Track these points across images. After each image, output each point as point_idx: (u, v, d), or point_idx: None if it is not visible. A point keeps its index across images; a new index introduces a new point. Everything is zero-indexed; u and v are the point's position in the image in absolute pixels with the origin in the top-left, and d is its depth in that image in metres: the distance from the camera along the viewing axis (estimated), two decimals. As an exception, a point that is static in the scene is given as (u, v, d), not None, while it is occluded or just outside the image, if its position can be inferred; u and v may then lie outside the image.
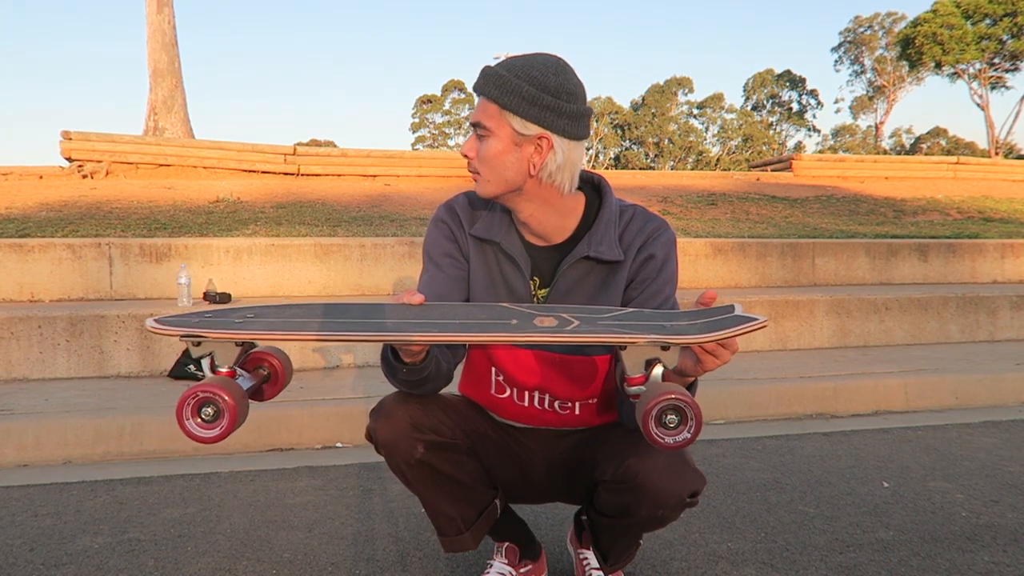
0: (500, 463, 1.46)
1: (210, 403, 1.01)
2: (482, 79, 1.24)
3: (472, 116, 1.27)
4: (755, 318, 1.03)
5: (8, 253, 3.95)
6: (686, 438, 0.98)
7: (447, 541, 1.42)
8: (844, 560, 1.75)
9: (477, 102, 1.26)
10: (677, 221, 6.30)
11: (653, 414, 0.97)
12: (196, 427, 1.01)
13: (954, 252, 5.46)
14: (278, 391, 1.19)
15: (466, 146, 1.28)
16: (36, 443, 2.58)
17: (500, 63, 1.24)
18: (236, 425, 1.02)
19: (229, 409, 1.01)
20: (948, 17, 23.78)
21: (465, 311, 1.14)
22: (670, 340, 1.02)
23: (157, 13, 10.47)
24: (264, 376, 1.17)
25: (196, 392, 1.01)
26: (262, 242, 4.31)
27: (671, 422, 0.97)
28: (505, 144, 1.23)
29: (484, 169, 1.26)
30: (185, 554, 1.80)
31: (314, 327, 1.05)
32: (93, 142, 7.35)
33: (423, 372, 1.25)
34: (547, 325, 1.06)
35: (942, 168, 10.11)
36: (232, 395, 1.01)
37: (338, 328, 1.04)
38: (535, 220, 1.32)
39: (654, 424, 0.98)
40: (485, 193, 1.28)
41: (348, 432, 2.80)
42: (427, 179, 8.01)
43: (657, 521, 1.29)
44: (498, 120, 1.22)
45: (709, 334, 1.01)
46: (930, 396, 3.40)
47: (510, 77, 1.21)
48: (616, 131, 45.06)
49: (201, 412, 1.01)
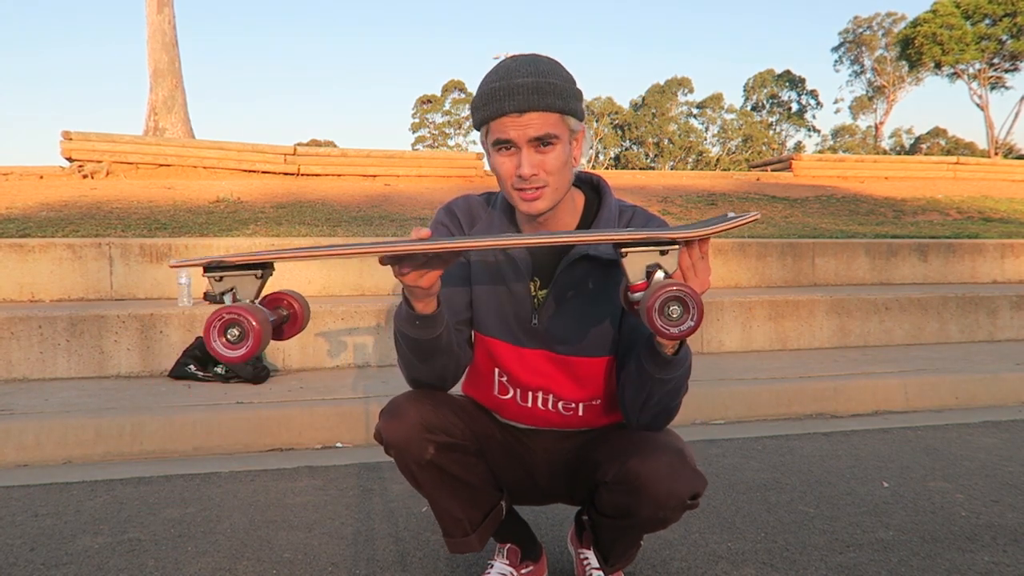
0: (505, 465, 1.46)
1: (235, 324, 1.04)
2: (534, 93, 1.18)
3: (527, 132, 1.20)
4: (746, 213, 1.07)
5: (8, 253, 3.96)
6: (690, 327, 1.01)
7: (452, 542, 1.42)
8: (844, 560, 1.75)
9: (524, 117, 1.19)
10: (677, 221, 6.30)
11: (656, 306, 1.00)
12: (223, 347, 1.05)
13: (954, 252, 5.46)
14: (297, 330, 1.23)
15: (526, 165, 1.20)
16: (36, 443, 2.58)
17: (524, 71, 1.20)
18: (261, 347, 1.05)
19: (254, 331, 1.04)
20: (948, 17, 23.77)
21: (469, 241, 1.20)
22: (667, 236, 1.07)
23: (157, 13, 10.47)
24: (284, 316, 1.21)
25: (222, 314, 1.04)
26: (262, 242, 4.31)
27: (674, 311, 1.01)
28: (567, 148, 1.24)
29: (554, 180, 1.23)
30: (185, 554, 1.80)
31: (324, 249, 1.12)
32: (93, 142, 7.35)
33: (436, 330, 1.24)
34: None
35: (942, 168, 10.12)
36: (256, 318, 1.04)
37: (348, 247, 1.09)
38: (553, 219, 1.32)
39: (658, 315, 1.01)
40: (550, 206, 1.25)
41: (348, 432, 2.80)
42: (427, 179, 8.01)
43: (658, 522, 1.29)
44: (561, 126, 1.22)
45: (705, 228, 1.06)
46: (930, 396, 3.40)
47: (560, 82, 1.21)
48: (616, 131, 45.05)
49: (227, 333, 1.04)
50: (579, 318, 1.34)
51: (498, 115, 1.20)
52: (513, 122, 1.19)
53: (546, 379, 1.38)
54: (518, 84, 1.18)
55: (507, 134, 1.20)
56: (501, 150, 1.23)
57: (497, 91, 1.20)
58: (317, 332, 3.55)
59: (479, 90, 1.24)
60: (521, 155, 1.21)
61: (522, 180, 1.22)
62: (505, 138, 1.21)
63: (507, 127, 1.20)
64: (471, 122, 1.31)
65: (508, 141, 1.21)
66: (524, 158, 1.21)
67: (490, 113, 1.21)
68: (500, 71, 1.22)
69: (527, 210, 1.25)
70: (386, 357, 3.62)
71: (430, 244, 1.07)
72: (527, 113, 1.19)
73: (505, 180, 1.25)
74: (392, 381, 3.23)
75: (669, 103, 44.75)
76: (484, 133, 1.26)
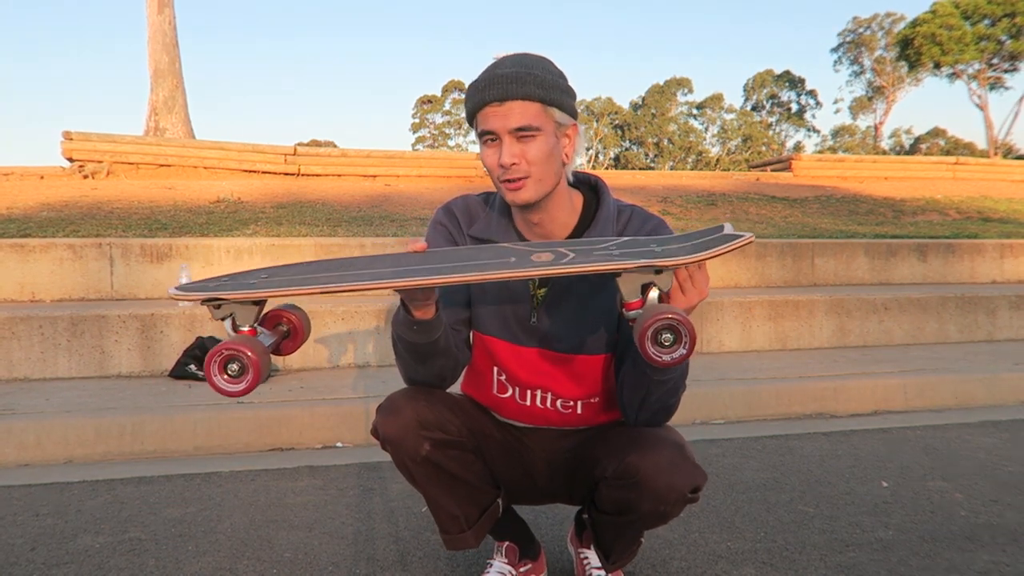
0: (504, 463, 1.46)
1: (235, 360, 1.06)
2: (513, 83, 1.20)
3: (508, 123, 1.21)
4: (741, 235, 1.07)
5: (9, 253, 3.96)
6: (682, 354, 1.02)
7: (449, 539, 1.43)
8: (844, 560, 1.75)
9: (504, 107, 1.20)
10: (677, 221, 6.30)
11: (649, 334, 1.02)
12: (226, 383, 1.07)
13: (953, 252, 5.46)
14: (298, 346, 1.24)
15: (506, 154, 1.21)
16: (37, 443, 2.58)
17: (508, 64, 1.23)
18: (262, 378, 1.07)
19: (253, 364, 1.06)
20: (947, 18, 23.80)
21: (467, 255, 1.18)
22: (660, 264, 1.06)
23: (158, 14, 10.46)
24: (284, 332, 1.22)
25: (220, 350, 1.06)
26: (263, 242, 4.31)
27: (666, 340, 1.02)
28: (552, 140, 1.24)
29: (536, 170, 1.24)
30: (186, 553, 1.80)
31: (322, 280, 1.11)
32: (94, 142, 7.35)
33: (433, 334, 1.25)
34: (544, 260, 1.10)
35: (941, 168, 10.11)
36: (254, 351, 1.06)
37: (345, 280, 1.09)
38: (549, 218, 1.32)
39: (650, 343, 1.02)
40: (534, 197, 1.26)
41: (348, 432, 2.80)
42: (427, 179, 8.01)
43: (659, 517, 1.29)
44: (543, 117, 1.22)
45: (697, 254, 1.06)
46: (929, 396, 3.40)
47: (542, 73, 1.22)
48: (616, 131, 45.06)
49: (227, 368, 1.07)
50: (578, 316, 1.35)
51: (481, 105, 1.22)
52: (495, 111, 1.22)
53: (545, 377, 1.38)
54: (499, 74, 1.21)
55: (489, 124, 1.23)
56: (487, 142, 1.25)
57: (479, 82, 1.23)
58: (317, 332, 3.56)
59: (469, 86, 1.27)
60: (502, 144, 1.23)
61: (504, 170, 1.23)
62: (488, 128, 1.23)
63: (489, 117, 1.23)
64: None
65: (491, 132, 1.23)
66: (505, 147, 1.22)
67: (474, 104, 1.24)
68: (488, 67, 1.25)
69: (512, 200, 1.27)
70: (386, 357, 3.63)
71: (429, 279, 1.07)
72: (507, 102, 1.21)
73: (492, 172, 1.27)
74: (392, 381, 3.23)
75: (669, 103, 44.75)
76: (474, 127, 1.28)
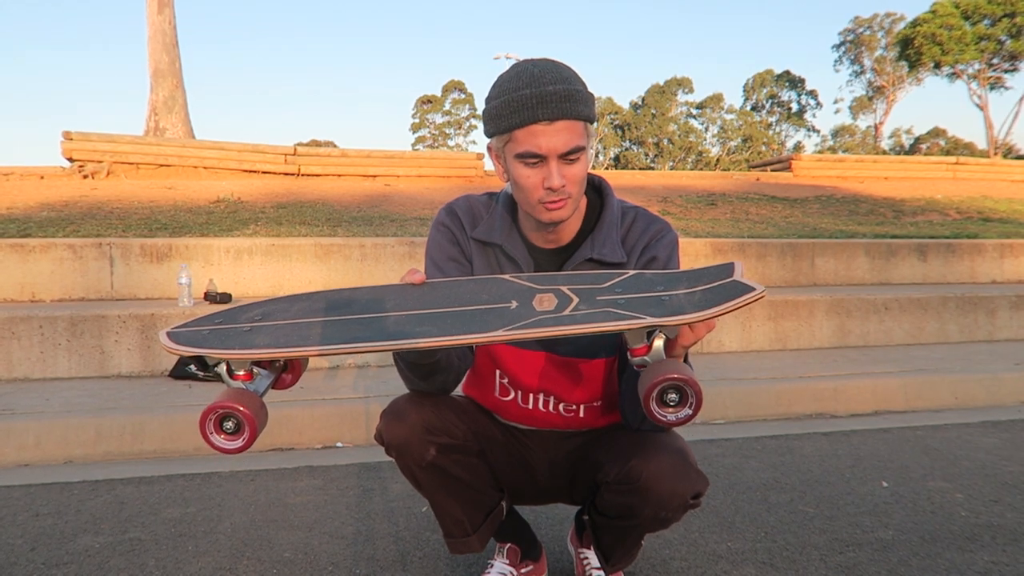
0: (506, 465, 1.46)
1: (229, 417, 1.06)
2: (565, 101, 1.16)
3: (557, 145, 1.17)
4: (752, 288, 1.05)
5: (9, 253, 3.96)
6: (687, 414, 1.01)
7: (453, 543, 1.42)
8: (844, 560, 1.75)
9: (553, 126, 1.16)
10: (677, 221, 6.30)
11: (654, 395, 1.01)
12: (222, 441, 1.07)
13: (953, 252, 5.46)
14: (298, 378, 1.22)
15: (556, 178, 1.18)
16: (37, 443, 2.58)
17: (550, 77, 1.17)
18: (259, 430, 1.07)
19: (248, 420, 1.05)
20: (947, 18, 23.78)
21: (467, 292, 1.14)
22: (666, 323, 1.03)
23: (158, 14, 10.46)
24: (281, 367, 1.20)
25: (215, 409, 1.06)
26: (263, 242, 4.31)
27: (672, 400, 1.01)
28: (589, 156, 1.23)
29: (576, 190, 1.22)
30: (186, 553, 1.80)
31: (316, 339, 1.08)
32: (94, 142, 7.35)
33: (434, 355, 1.25)
34: (546, 308, 1.08)
35: (941, 168, 10.12)
36: (248, 406, 1.06)
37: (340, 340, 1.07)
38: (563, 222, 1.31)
39: (655, 403, 1.01)
40: (569, 214, 1.24)
41: (348, 432, 2.80)
42: (427, 179, 8.01)
43: (660, 522, 1.29)
44: (586, 136, 1.20)
45: (707, 311, 1.02)
46: (929, 396, 3.40)
47: (582, 88, 1.19)
48: (616, 131, 45.06)
49: (223, 426, 1.07)
50: None
51: (528, 122, 1.16)
52: (543, 130, 1.16)
53: (547, 381, 1.38)
54: (549, 92, 1.15)
55: (538, 145, 1.17)
56: (527, 162, 1.20)
57: (528, 98, 1.16)
58: (317, 332, 3.55)
59: (503, 97, 1.19)
60: (550, 167, 1.18)
61: (551, 192, 1.20)
62: (535, 150, 1.17)
63: (538, 136, 1.17)
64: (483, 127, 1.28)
65: (537, 155, 1.18)
66: (554, 170, 1.18)
67: (520, 120, 1.17)
68: (524, 77, 1.18)
69: (551, 219, 1.24)
70: (386, 357, 3.62)
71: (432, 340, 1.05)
72: (557, 121, 1.16)
73: (531, 192, 1.21)
74: (392, 381, 3.23)
75: (669, 103, 44.76)
76: (504, 141, 1.21)
